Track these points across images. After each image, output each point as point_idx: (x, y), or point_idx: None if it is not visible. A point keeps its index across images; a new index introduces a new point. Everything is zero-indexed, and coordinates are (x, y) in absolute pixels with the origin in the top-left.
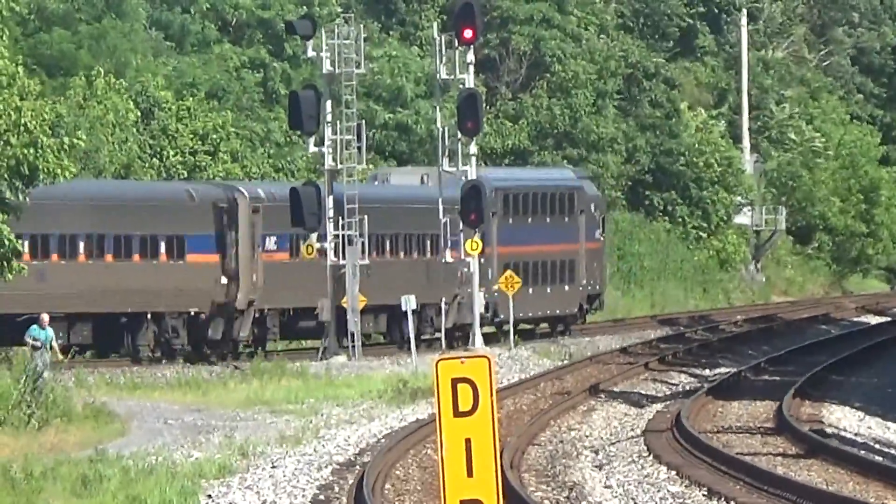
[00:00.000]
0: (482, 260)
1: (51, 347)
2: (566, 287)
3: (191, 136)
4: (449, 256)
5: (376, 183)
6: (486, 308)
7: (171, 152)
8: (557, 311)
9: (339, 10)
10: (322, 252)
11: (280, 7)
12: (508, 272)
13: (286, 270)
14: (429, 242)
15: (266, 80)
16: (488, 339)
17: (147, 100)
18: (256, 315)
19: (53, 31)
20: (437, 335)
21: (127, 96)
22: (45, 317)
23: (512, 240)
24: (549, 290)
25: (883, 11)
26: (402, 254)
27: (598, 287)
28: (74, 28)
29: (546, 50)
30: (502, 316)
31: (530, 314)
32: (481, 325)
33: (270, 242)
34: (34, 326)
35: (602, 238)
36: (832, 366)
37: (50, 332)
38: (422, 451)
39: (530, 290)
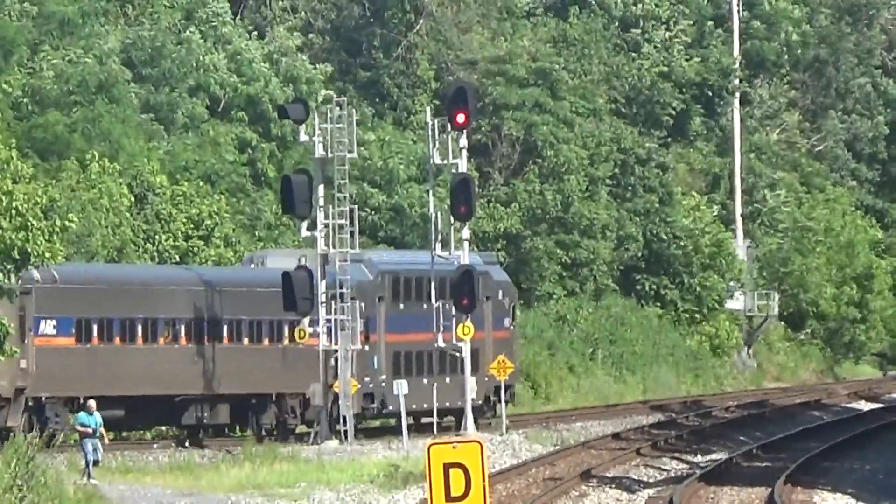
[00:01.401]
0: (366, 348)
1: (97, 433)
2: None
3: (185, 220)
4: (441, 340)
5: (252, 265)
6: (372, 399)
7: (164, 237)
8: (459, 403)
9: (332, 93)
10: (314, 336)
11: (265, 84)
12: (500, 357)
13: (70, 356)
14: (287, 328)
15: (253, 160)
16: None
17: (141, 184)
18: (31, 403)
19: (47, 114)
20: (310, 427)
21: (121, 181)
22: (93, 403)
23: (402, 327)
24: (447, 380)
25: (877, 97)
26: (265, 340)
27: (507, 378)
28: (68, 111)
29: (538, 135)
30: (391, 407)
31: (425, 406)
32: (364, 419)
33: (48, 326)
34: (82, 413)
35: (512, 327)
36: (824, 452)
37: (98, 417)
38: None
39: (425, 381)
